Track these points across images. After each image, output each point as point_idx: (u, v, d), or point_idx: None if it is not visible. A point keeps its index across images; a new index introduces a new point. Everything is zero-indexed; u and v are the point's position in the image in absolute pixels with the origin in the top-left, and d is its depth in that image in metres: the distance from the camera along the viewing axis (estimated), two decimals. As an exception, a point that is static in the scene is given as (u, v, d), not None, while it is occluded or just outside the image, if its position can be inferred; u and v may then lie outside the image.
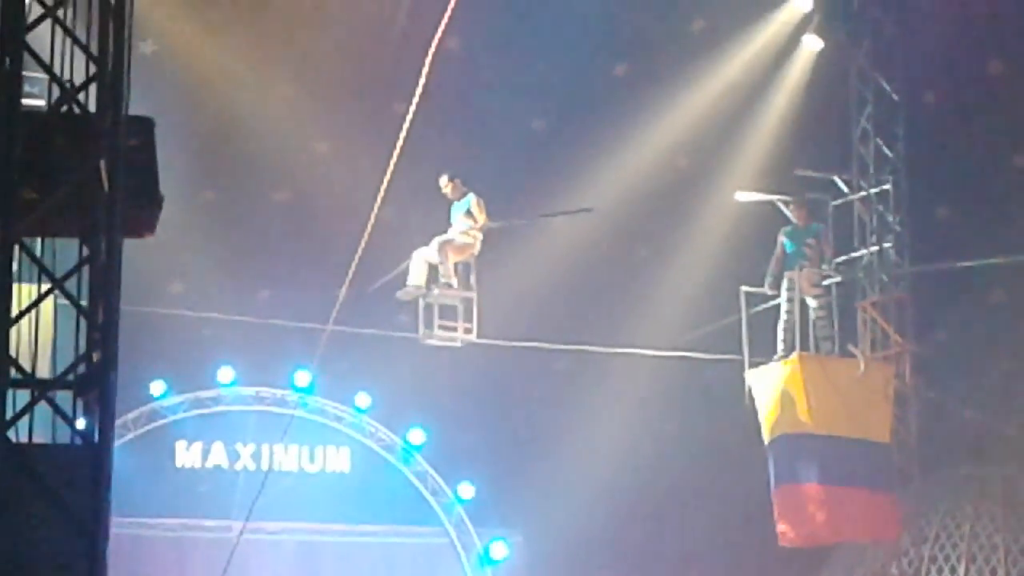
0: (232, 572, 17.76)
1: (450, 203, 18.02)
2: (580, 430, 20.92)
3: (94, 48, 7.47)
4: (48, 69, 7.40)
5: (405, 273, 17.80)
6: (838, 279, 18.52)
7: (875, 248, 19.18)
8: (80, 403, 7.32)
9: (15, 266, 7.11)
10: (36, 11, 7.39)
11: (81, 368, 7.23)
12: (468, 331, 17.82)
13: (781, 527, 17.93)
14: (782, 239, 18.30)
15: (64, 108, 7.39)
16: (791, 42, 20.02)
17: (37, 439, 7.19)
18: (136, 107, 7.62)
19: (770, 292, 18.15)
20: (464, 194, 17.97)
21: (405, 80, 14.75)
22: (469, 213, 17.86)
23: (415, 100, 14.02)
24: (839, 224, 19.01)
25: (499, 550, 20.89)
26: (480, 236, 17.92)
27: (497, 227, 18.04)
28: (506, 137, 20.29)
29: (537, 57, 19.88)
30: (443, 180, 18.01)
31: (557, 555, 20.62)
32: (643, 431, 20.60)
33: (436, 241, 17.83)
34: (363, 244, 15.40)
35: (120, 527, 12.60)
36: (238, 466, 20.48)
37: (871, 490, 18.08)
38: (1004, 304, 20.39)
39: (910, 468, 18.94)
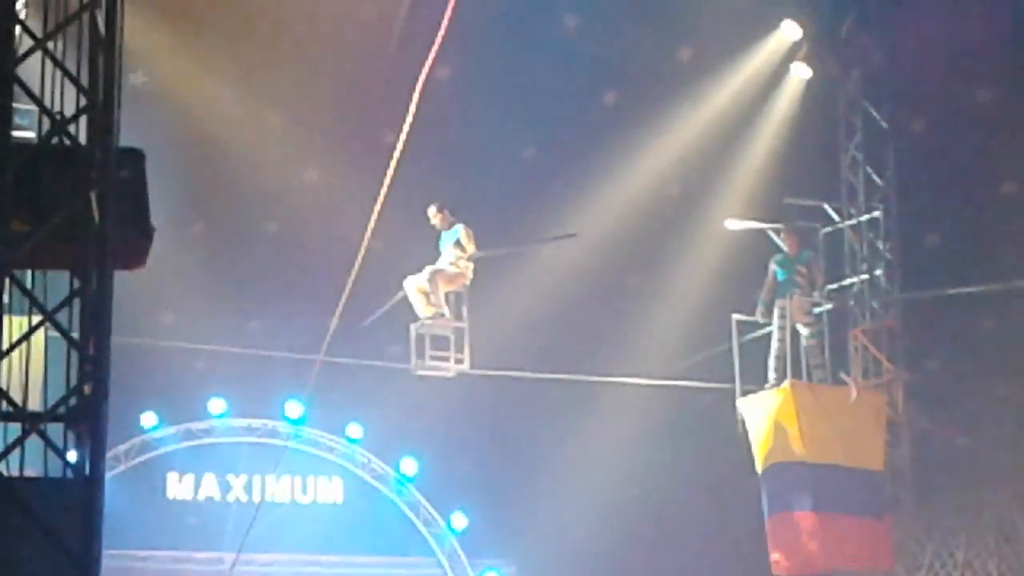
0: (224, 604, 17.73)
1: (439, 233, 18.02)
2: (573, 460, 20.89)
3: (84, 80, 7.47)
4: (38, 101, 7.40)
5: (399, 305, 17.74)
6: (829, 307, 18.52)
7: (865, 276, 19.23)
8: (71, 435, 7.29)
9: (5, 298, 7.10)
10: (26, 43, 7.39)
11: (72, 400, 7.21)
12: (460, 361, 17.79)
13: (775, 556, 17.90)
14: (773, 267, 18.31)
15: (54, 140, 7.38)
16: (780, 71, 20.08)
17: (28, 472, 7.16)
18: (126, 138, 7.61)
19: (761, 320, 18.15)
20: (452, 224, 17.96)
21: (395, 110, 14.76)
22: (458, 243, 17.85)
23: (405, 129, 14.03)
24: (829, 252, 19.04)
25: (492, 581, 20.84)
26: (471, 265, 17.90)
27: (486, 256, 18.03)
28: (496, 166, 20.32)
29: (527, 86, 19.92)
30: (432, 211, 17.99)
31: (550, 585, 20.58)
32: (635, 460, 20.57)
33: (427, 270, 17.81)
34: (354, 274, 15.39)
35: (111, 559, 12.55)
36: (230, 497, 20.44)
37: (864, 518, 18.05)
38: (995, 331, 20.39)
39: (903, 496, 18.94)
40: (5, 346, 7.04)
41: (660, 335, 20.54)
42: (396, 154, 14.28)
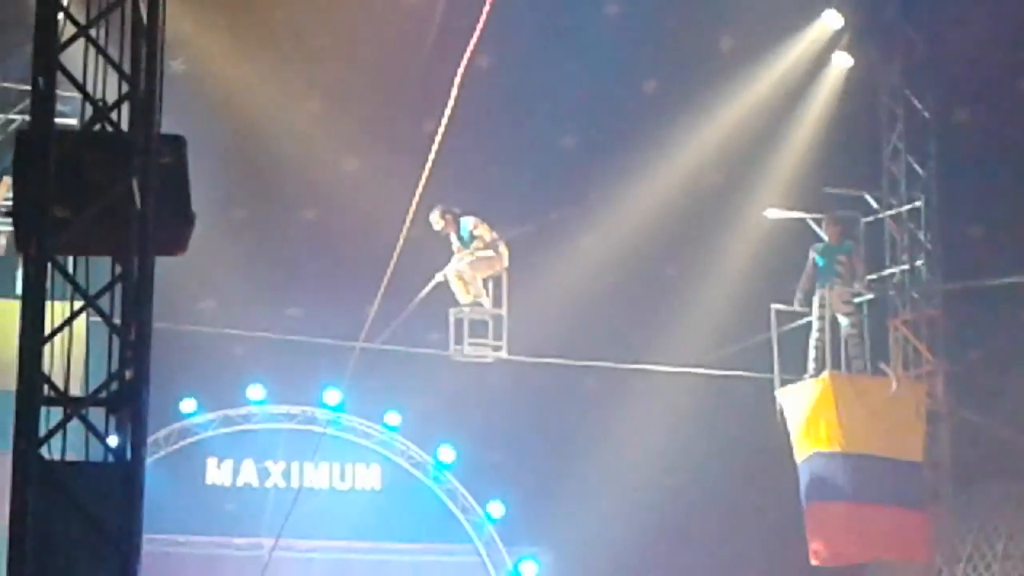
0: (263, 590, 17.80)
1: (446, 236, 17.99)
2: (610, 448, 20.88)
3: (126, 67, 7.51)
4: (81, 88, 7.44)
5: (437, 291, 17.76)
6: (869, 297, 18.45)
7: (906, 266, 19.14)
8: (112, 420, 7.34)
9: (48, 284, 7.14)
10: (69, 30, 7.43)
11: (114, 386, 7.25)
12: (498, 348, 17.82)
13: (813, 545, 17.87)
14: (814, 256, 18.24)
15: (97, 127, 7.42)
16: (821, 59, 19.99)
17: (70, 456, 7.21)
18: (167, 125, 7.65)
19: (799, 308, 18.07)
20: (458, 222, 17.93)
21: (435, 98, 14.77)
22: (472, 236, 17.87)
23: (445, 118, 14.03)
24: (870, 242, 18.96)
25: (529, 568, 20.84)
26: (501, 248, 17.90)
27: (507, 237, 17.98)
28: (536, 155, 20.30)
29: (567, 74, 19.89)
30: (434, 216, 17.81)
31: (587, 573, 20.57)
32: (673, 449, 20.54)
33: (465, 258, 17.84)
34: (393, 262, 15.42)
35: (151, 544, 12.62)
36: (268, 484, 20.52)
37: (903, 509, 17.99)
38: (1036, 322, 20.28)
39: (943, 487, 18.86)
40: (47, 331, 7.08)
41: (699, 324, 20.49)
42: (436, 142, 14.28)
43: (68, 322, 7.27)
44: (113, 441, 7.22)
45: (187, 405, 20.22)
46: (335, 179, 20.25)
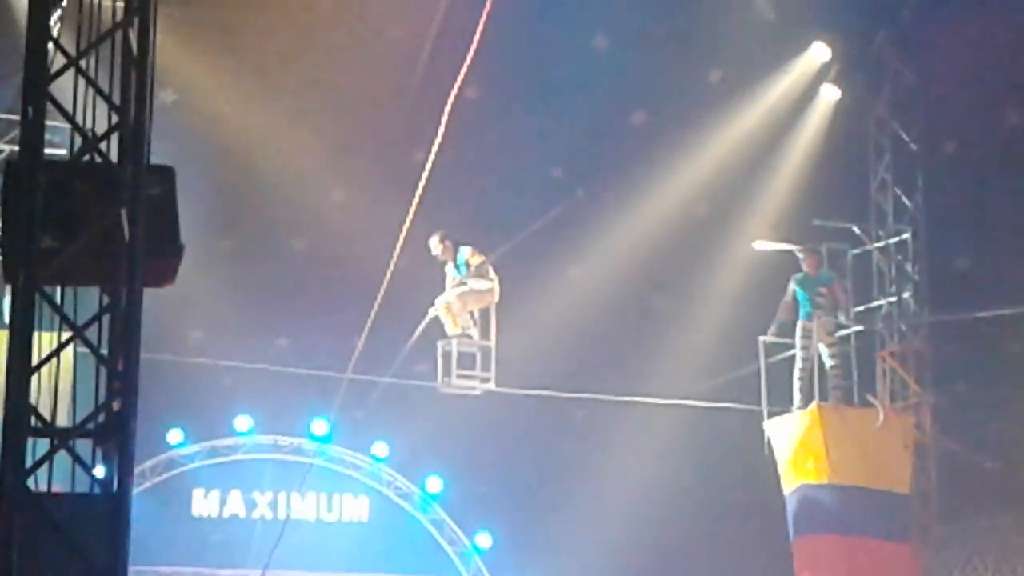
0: (249, 621, 17.74)
1: (442, 264, 18.00)
2: (598, 479, 20.86)
3: (116, 98, 7.51)
4: (70, 118, 7.44)
5: (431, 325, 17.76)
6: (856, 328, 18.46)
7: (893, 298, 19.18)
8: (99, 451, 7.32)
9: (35, 314, 7.12)
10: (59, 61, 7.44)
11: (101, 417, 7.23)
12: (486, 380, 17.80)
13: (800, 578, 17.84)
14: (792, 287, 18.23)
15: (86, 157, 7.42)
16: (809, 92, 20.07)
17: (56, 487, 7.19)
18: (157, 156, 7.65)
19: (775, 339, 18.03)
20: (456, 250, 17.95)
21: (424, 129, 14.79)
22: (468, 264, 17.88)
23: (434, 149, 14.05)
24: (858, 273, 18.99)
25: (516, 600, 20.82)
26: (495, 281, 17.90)
27: (496, 261, 18.00)
28: (524, 185, 20.33)
29: (555, 106, 19.93)
30: (434, 241, 17.87)
31: (575, 605, 20.54)
32: (661, 480, 20.53)
33: (456, 289, 17.84)
34: (382, 293, 15.41)
35: (137, 575, 12.58)
36: (255, 515, 20.47)
37: (891, 541, 17.97)
38: (1023, 354, 20.29)
39: (930, 519, 18.86)
40: (35, 361, 7.07)
41: (687, 356, 20.50)
42: (425, 173, 14.30)
43: (55, 353, 7.25)
44: (100, 472, 7.20)
45: (174, 436, 20.18)
46: (324, 209, 20.26)
